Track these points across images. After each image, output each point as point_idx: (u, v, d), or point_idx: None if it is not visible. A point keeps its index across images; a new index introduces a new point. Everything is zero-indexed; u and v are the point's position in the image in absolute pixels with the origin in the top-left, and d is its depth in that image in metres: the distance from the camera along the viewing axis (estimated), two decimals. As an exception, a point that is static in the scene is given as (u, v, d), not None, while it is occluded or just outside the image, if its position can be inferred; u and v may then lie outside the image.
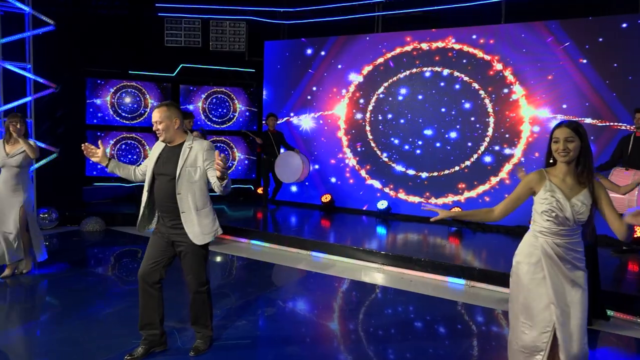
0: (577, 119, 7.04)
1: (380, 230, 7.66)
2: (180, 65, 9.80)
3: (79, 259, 6.03)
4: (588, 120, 7.00)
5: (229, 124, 9.97)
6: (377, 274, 5.83)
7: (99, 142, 3.57)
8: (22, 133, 4.97)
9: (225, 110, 9.93)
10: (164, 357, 3.44)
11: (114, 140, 9.52)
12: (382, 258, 6.04)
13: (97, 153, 3.44)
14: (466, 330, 4.26)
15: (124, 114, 9.52)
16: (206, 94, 9.86)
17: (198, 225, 3.25)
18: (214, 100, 9.88)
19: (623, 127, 6.82)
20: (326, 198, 9.07)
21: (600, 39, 6.95)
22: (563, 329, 2.52)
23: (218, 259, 6.33)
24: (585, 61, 7.04)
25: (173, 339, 3.72)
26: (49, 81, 7.37)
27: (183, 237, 3.29)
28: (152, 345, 3.44)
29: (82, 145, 3.39)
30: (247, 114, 10.04)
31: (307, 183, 9.26)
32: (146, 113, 9.58)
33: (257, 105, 10.06)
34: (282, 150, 8.81)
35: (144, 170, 3.48)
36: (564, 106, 7.19)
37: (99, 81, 9.39)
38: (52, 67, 7.90)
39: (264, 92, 9.87)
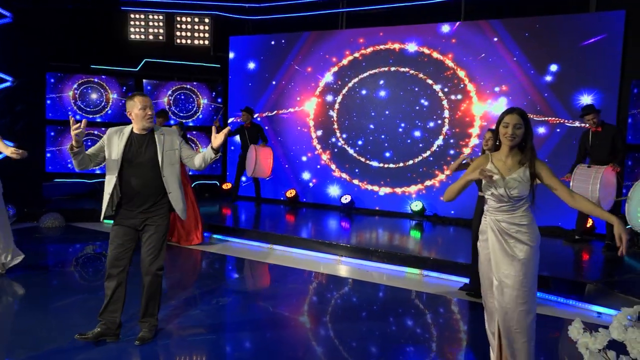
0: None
1: (343, 223, 7.88)
2: (144, 60, 9.83)
3: (37, 255, 6.05)
4: (530, 116, 7.40)
5: (193, 119, 10.04)
6: (336, 266, 6.04)
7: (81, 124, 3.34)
8: None
9: (190, 106, 10.00)
10: (114, 344, 3.57)
11: (76, 135, 9.48)
12: (342, 250, 6.24)
13: (81, 132, 3.28)
14: (416, 317, 4.49)
15: (87, 109, 9.51)
16: (172, 90, 9.91)
17: (182, 202, 3.57)
18: (181, 96, 9.93)
19: (561, 122, 7.29)
20: (291, 193, 9.25)
21: (538, 38, 7.40)
22: (500, 300, 2.82)
23: (179, 253, 6.43)
24: (525, 59, 7.49)
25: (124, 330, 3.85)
26: (7, 75, 7.36)
27: (157, 217, 3.51)
28: (107, 333, 3.55)
29: (72, 119, 3.28)
30: (212, 107, 10.11)
31: (272, 177, 9.32)
32: (108, 107, 9.59)
33: (222, 101, 10.15)
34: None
35: (95, 158, 3.51)
36: (511, 103, 7.60)
37: (59, 75, 9.36)
38: (10, 61, 7.86)
39: (229, 88, 9.99)
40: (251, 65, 9.74)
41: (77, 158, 3.38)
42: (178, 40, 9.92)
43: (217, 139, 3.41)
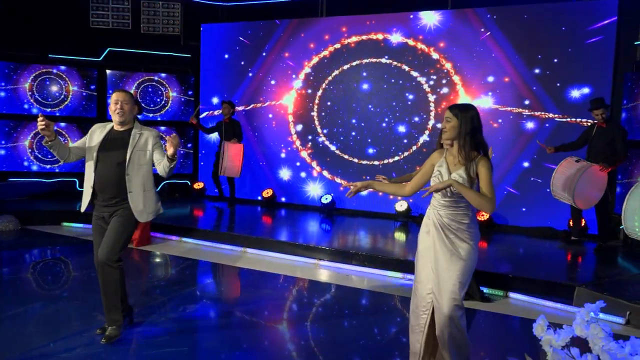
0: (509, 108, 7.64)
1: (323, 225, 7.94)
2: (108, 49, 9.76)
3: (-12, 260, 6.01)
4: (519, 110, 7.60)
5: (161, 113, 9.99)
6: (313, 270, 6.09)
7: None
8: None
9: (159, 99, 9.95)
10: (72, 353, 3.57)
11: (33, 132, 9.38)
12: (320, 253, 6.30)
13: (51, 127, 3.53)
14: (401, 324, 4.55)
15: (45, 102, 9.41)
16: (139, 81, 9.84)
17: (143, 205, 3.80)
18: (148, 88, 9.88)
19: (551, 117, 7.45)
20: (267, 193, 9.27)
21: (527, 28, 7.56)
22: (437, 291, 3.02)
23: (145, 258, 6.42)
24: (513, 51, 7.64)
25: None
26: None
27: (121, 210, 3.75)
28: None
29: (40, 115, 3.45)
30: (182, 100, 10.07)
31: (242, 175, 9.26)
32: (68, 100, 9.50)
33: (194, 94, 10.13)
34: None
35: (77, 151, 3.80)
36: (499, 97, 7.74)
37: (13, 65, 9.23)
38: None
39: (201, 80, 9.97)
40: (225, 56, 9.73)
41: (53, 150, 3.64)
42: (145, 28, 9.87)
43: (170, 147, 3.60)
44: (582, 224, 7.10)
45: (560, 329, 1.48)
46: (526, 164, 7.61)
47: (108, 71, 9.77)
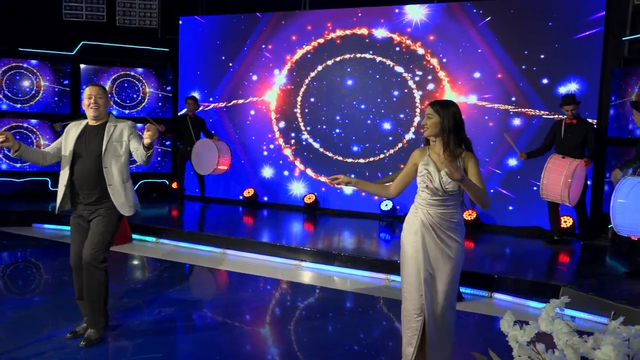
0: (495, 105, 7.77)
1: (306, 226, 7.99)
2: (81, 43, 9.71)
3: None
4: (505, 107, 7.75)
5: (138, 109, 9.96)
6: (295, 272, 6.13)
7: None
8: None
9: (135, 95, 9.91)
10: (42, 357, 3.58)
11: (3, 128, 9.27)
12: (302, 254, 6.35)
13: (10, 138, 3.63)
14: (387, 327, 4.62)
15: (15, 98, 9.33)
16: (114, 76, 9.79)
17: (125, 197, 3.89)
18: (124, 83, 9.84)
19: (538, 114, 7.58)
20: (249, 192, 9.30)
21: (513, 23, 7.68)
22: (428, 290, 3.05)
23: (121, 259, 6.41)
24: (499, 47, 7.75)
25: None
26: None
27: (103, 209, 3.84)
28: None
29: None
30: (160, 96, 10.06)
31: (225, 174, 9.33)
32: (39, 96, 9.43)
33: (172, 89, 10.10)
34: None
35: (55, 152, 3.93)
36: (485, 93, 7.84)
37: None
38: None
39: (180, 75, 9.96)
40: (205, 50, 9.73)
41: (24, 158, 3.80)
42: (121, 21, 9.82)
43: (147, 138, 3.66)
44: (569, 225, 7.25)
45: (526, 325, 1.55)
46: (514, 162, 7.72)
47: (82, 66, 9.71)
